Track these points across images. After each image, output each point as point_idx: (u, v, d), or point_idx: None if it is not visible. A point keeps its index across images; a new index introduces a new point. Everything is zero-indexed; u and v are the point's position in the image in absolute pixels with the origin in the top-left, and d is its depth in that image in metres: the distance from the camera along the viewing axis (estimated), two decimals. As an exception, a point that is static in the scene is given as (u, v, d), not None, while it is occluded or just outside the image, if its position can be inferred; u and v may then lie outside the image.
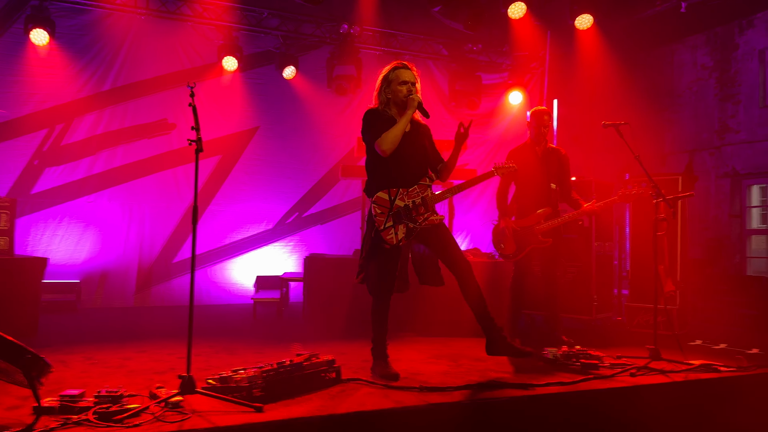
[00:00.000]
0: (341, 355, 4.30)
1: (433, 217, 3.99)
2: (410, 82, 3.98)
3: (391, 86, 4.00)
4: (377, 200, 3.94)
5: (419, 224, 3.94)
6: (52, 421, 2.81)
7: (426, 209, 3.96)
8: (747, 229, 9.08)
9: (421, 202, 3.96)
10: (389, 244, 3.89)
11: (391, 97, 4.01)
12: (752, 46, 8.92)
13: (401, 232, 3.91)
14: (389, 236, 3.89)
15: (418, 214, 3.94)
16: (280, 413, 3.05)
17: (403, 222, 3.91)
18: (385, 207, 3.92)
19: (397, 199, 3.93)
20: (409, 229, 3.92)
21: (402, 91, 3.96)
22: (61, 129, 7.68)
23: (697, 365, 4.22)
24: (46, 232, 7.59)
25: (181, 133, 8.20)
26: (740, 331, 6.25)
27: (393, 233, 3.90)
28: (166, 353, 4.67)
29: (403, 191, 3.94)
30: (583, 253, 6.05)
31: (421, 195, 3.97)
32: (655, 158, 9.44)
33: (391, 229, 3.90)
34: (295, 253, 8.83)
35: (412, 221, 3.92)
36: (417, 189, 3.97)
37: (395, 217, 3.91)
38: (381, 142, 3.85)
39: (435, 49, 9.34)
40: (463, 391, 3.59)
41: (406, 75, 3.99)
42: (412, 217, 3.93)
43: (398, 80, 3.98)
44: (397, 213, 3.92)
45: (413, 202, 3.95)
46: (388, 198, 3.93)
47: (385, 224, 3.90)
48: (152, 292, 8.04)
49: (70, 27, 7.67)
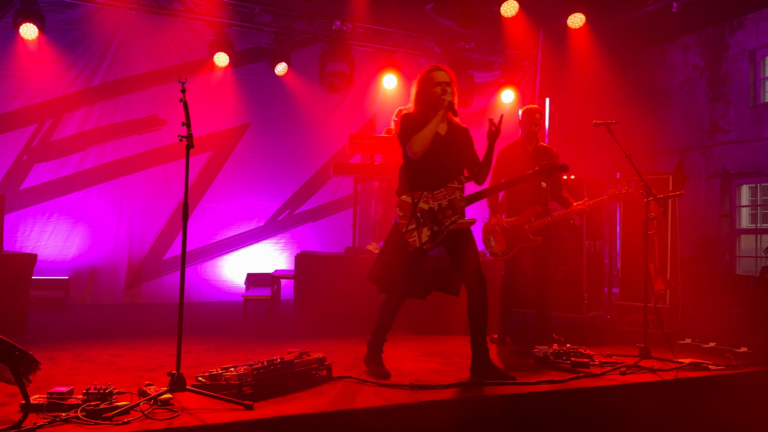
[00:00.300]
0: (332, 353, 4.30)
1: (461, 220, 3.88)
2: (444, 83, 3.92)
3: (427, 89, 3.95)
4: (400, 204, 3.88)
5: (445, 227, 3.84)
6: (40, 418, 2.79)
7: (453, 212, 3.85)
8: (736, 228, 9.14)
9: (448, 204, 3.85)
10: (412, 247, 3.80)
11: (427, 99, 3.95)
12: (743, 47, 8.97)
13: (425, 235, 3.81)
14: (412, 239, 3.80)
15: (445, 217, 3.84)
16: (271, 411, 3.04)
17: (428, 225, 3.82)
18: (408, 210, 3.84)
19: (421, 201, 3.83)
20: (434, 232, 3.82)
21: (435, 92, 3.90)
22: (50, 124, 7.62)
23: (687, 364, 4.25)
24: (34, 229, 7.54)
25: (172, 129, 8.15)
26: (729, 329, 6.30)
27: (416, 236, 3.80)
28: (155, 350, 4.64)
29: (428, 194, 3.84)
30: (574, 251, 6.07)
31: (448, 197, 3.86)
32: (646, 157, 9.48)
33: (414, 231, 3.80)
34: (286, 250, 8.81)
35: (437, 224, 3.83)
36: (444, 191, 3.86)
37: (418, 219, 3.82)
38: (411, 144, 3.82)
39: (428, 46, 9.34)
40: (454, 389, 3.59)
41: (440, 76, 3.94)
42: (437, 220, 3.83)
43: (432, 82, 3.94)
44: (422, 215, 3.82)
45: (439, 204, 3.85)
46: (411, 201, 3.84)
47: (407, 227, 3.81)
48: (142, 289, 8.00)
49: (60, 21, 7.61)
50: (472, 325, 3.89)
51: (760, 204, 9.22)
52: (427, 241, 3.81)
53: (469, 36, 9.07)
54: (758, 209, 9.25)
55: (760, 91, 8.93)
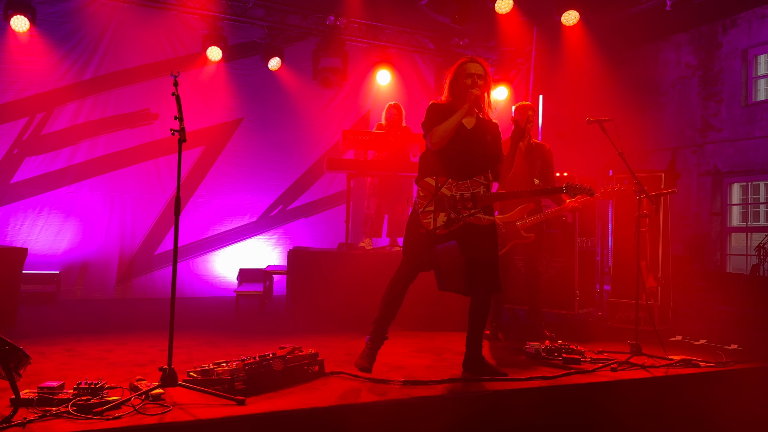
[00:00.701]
0: (325, 349, 4.29)
1: (480, 215, 3.77)
2: (475, 75, 3.83)
3: (459, 80, 3.87)
4: (423, 185, 3.79)
5: (463, 217, 3.73)
6: (30, 413, 2.77)
7: (474, 205, 3.75)
8: (727, 226, 9.19)
9: (470, 196, 3.76)
10: (425, 228, 3.72)
11: (457, 90, 3.87)
12: (735, 46, 9.02)
13: (440, 220, 3.71)
14: (427, 220, 3.72)
15: (464, 207, 3.74)
16: (263, 406, 3.04)
17: (446, 210, 3.73)
18: (430, 192, 3.75)
19: (444, 187, 3.74)
20: (450, 219, 3.71)
21: (466, 83, 3.83)
22: (41, 118, 7.57)
23: (678, 360, 4.27)
24: (25, 223, 7.49)
25: (164, 123, 8.11)
26: (720, 327, 6.34)
27: (432, 218, 3.71)
28: (147, 345, 4.62)
29: (452, 182, 3.76)
30: (566, 248, 6.09)
31: (471, 190, 3.77)
32: (638, 155, 9.52)
33: (431, 213, 3.72)
34: (278, 246, 8.79)
35: (455, 212, 3.72)
36: (469, 183, 3.77)
37: (438, 202, 3.73)
38: (432, 135, 3.75)
39: (422, 42, 9.33)
40: (446, 384, 3.60)
41: (473, 68, 3.85)
42: (456, 209, 3.73)
43: (465, 73, 3.85)
44: (440, 199, 3.73)
45: (461, 194, 3.75)
46: (434, 184, 3.76)
47: (425, 207, 3.73)
48: (133, 284, 7.97)
49: (52, 14, 7.56)
50: (471, 321, 3.87)
51: (751, 202, 9.28)
52: (442, 226, 3.71)
53: (464, 32, 9.07)
54: (749, 207, 9.30)
55: (752, 90, 8.98)
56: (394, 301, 3.85)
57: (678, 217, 8.97)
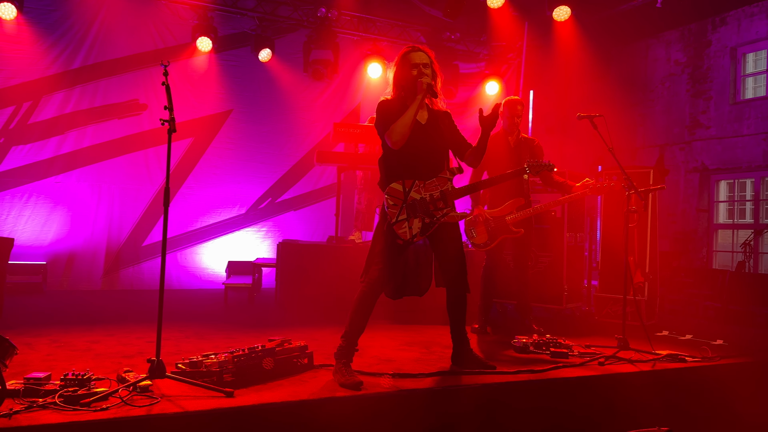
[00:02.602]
0: (314, 341, 4.29)
1: (452, 213, 3.69)
2: (421, 65, 3.69)
3: (405, 73, 3.72)
4: (390, 191, 3.61)
5: (437, 219, 3.64)
6: (16, 404, 2.75)
7: (445, 204, 3.66)
8: (714, 223, 9.27)
9: (440, 195, 3.66)
10: (402, 239, 3.57)
11: (404, 83, 3.72)
12: (724, 44, 9.07)
13: (416, 227, 3.59)
14: (402, 230, 3.57)
15: (436, 209, 3.65)
16: (251, 398, 3.03)
17: (419, 216, 3.61)
18: (399, 198, 3.59)
19: (413, 191, 3.61)
20: (425, 224, 3.61)
21: (412, 74, 3.68)
22: (28, 107, 7.48)
23: (664, 355, 4.31)
24: (12, 212, 7.41)
25: (153, 114, 8.05)
26: (705, 322, 6.41)
27: (407, 227, 3.58)
28: (134, 337, 4.60)
29: (419, 183, 3.63)
30: (555, 243, 6.11)
31: (440, 188, 3.67)
32: (627, 151, 9.57)
33: (405, 222, 3.58)
34: (267, 238, 8.77)
35: (428, 215, 3.62)
36: (435, 182, 3.67)
37: (410, 209, 3.60)
38: (390, 134, 3.58)
39: (413, 36, 9.31)
40: (435, 377, 3.61)
41: (417, 57, 3.71)
42: (429, 212, 3.62)
43: (409, 64, 3.71)
44: (413, 205, 3.60)
45: (431, 195, 3.64)
46: (402, 189, 3.61)
47: (398, 217, 3.57)
48: (120, 275, 7.92)
49: (39, 2, 7.47)
50: (451, 317, 3.85)
51: (738, 200, 9.37)
52: (418, 233, 3.61)
53: (455, 26, 9.06)
54: (735, 205, 9.39)
55: (740, 88, 9.04)
56: (367, 313, 3.62)
57: (666, 213, 9.04)
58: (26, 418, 2.61)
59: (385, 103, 3.74)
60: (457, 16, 7.91)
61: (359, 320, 3.61)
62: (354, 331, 3.61)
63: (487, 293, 5.31)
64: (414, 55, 3.74)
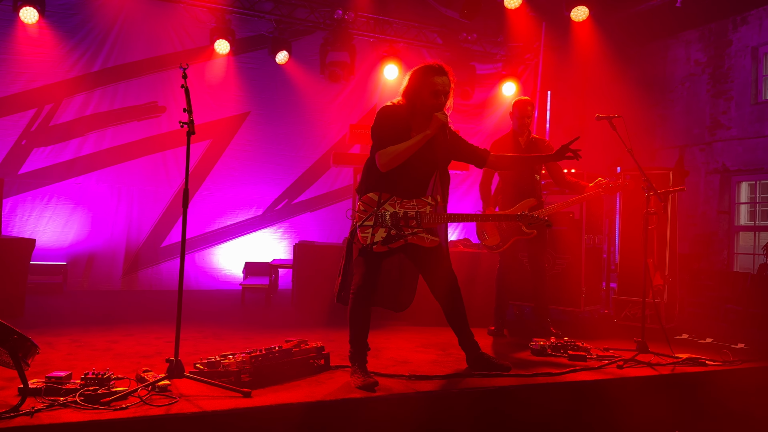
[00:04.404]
0: (330, 342, 4.30)
1: (423, 235, 3.58)
2: (443, 93, 3.55)
3: (422, 93, 3.54)
4: (365, 199, 3.56)
5: (403, 235, 3.53)
6: (38, 402, 2.79)
7: (418, 224, 3.56)
8: (735, 225, 9.14)
9: (414, 215, 3.57)
10: (361, 242, 3.51)
11: (419, 103, 3.56)
12: (745, 43, 8.95)
13: (378, 236, 3.50)
14: (364, 234, 3.49)
15: (407, 225, 3.55)
16: (269, 399, 3.04)
17: (385, 226, 3.52)
18: (371, 207, 3.53)
19: (388, 203, 3.54)
20: (389, 235, 3.51)
21: (431, 101, 3.53)
22: (49, 109, 7.59)
23: (684, 359, 4.26)
24: (33, 213, 7.52)
25: (171, 116, 8.13)
26: (726, 326, 6.32)
27: (369, 233, 3.49)
28: (153, 337, 4.64)
29: (396, 200, 3.56)
30: (573, 245, 6.07)
31: (417, 209, 3.58)
32: (646, 153, 9.48)
33: (369, 228, 3.50)
34: (284, 239, 8.80)
35: (396, 228, 3.53)
36: (414, 203, 3.59)
37: (378, 218, 3.52)
38: (381, 156, 3.49)
39: (430, 37, 9.30)
40: (452, 379, 3.60)
41: (441, 83, 3.53)
42: (398, 225, 3.53)
43: (430, 87, 3.53)
44: (382, 215, 3.52)
45: (405, 212, 3.56)
46: (377, 200, 3.54)
47: (363, 221, 3.51)
48: (139, 276, 8.00)
49: (61, 6, 7.57)
50: (453, 328, 3.86)
51: (759, 201, 9.23)
52: (380, 242, 3.50)
53: (472, 27, 9.03)
54: (757, 206, 9.25)
55: (762, 88, 8.91)
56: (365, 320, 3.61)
57: (685, 215, 8.93)
58: (48, 417, 2.65)
59: (387, 110, 3.60)
60: (473, 16, 7.89)
61: (359, 327, 3.61)
62: (358, 336, 3.60)
63: (502, 295, 5.29)
64: (438, 80, 3.55)
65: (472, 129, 9.62)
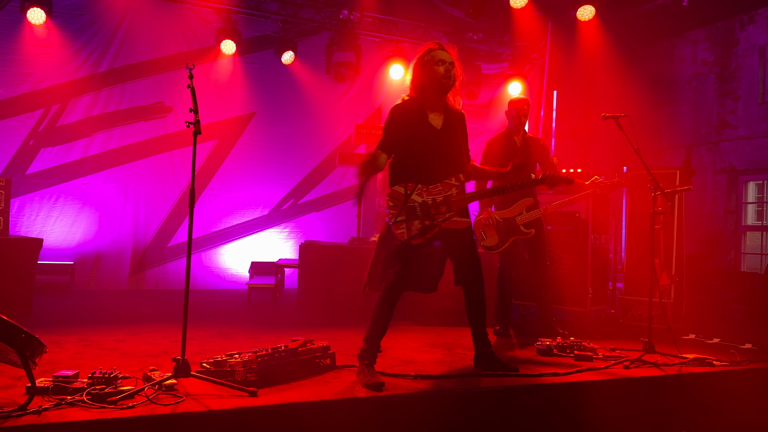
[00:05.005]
0: (336, 342, 4.30)
1: (456, 218, 3.64)
2: (448, 62, 3.63)
3: (427, 67, 3.64)
4: (392, 194, 3.60)
5: (437, 223, 3.59)
6: (45, 401, 2.80)
7: (448, 209, 3.61)
8: (742, 225, 9.10)
9: (443, 200, 3.61)
10: (399, 239, 3.56)
11: (427, 81, 3.64)
12: (753, 42, 8.90)
13: (414, 229, 3.55)
14: (399, 231, 3.55)
15: (438, 212, 3.60)
16: (275, 398, 3.05)
17: (419, 218, 3.57)
18: (399, 200, 3.57)
19: (414, 194, 3.58)
20: (424, 226, 3.56)
21: (439, 71, 3.61)
22: (57, 110, 7.62)
23: (691, 359, 4.24)
24: (40, 213, 7.55)
25: (178, 116, 8.15)
26: (734, 326, 6.29)
27: (404, 228, 3.55)
28: (159, 336, 4.65)
29: (422, 188, 3.60)
30: (579, 245, 6.05)
31: (444, 193, 3.63)
32: (653, 152, 9.44)
33: (403, 223, 3.55)
34: (290, 239, 8.81)
35: (429, 218, 3.57)
36: (440, 187, 3.63)
37: (409, 211, 3.57)
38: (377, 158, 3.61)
39: (435, 37, 9.27)
40: (458, 379, 3.60)
41: (443, 55, 3.64)
42: (430, 215, 3.58)
43: (434, 60, 3.63)
44: (412, 207, 3.57)
45: (434, 199, 3.61)
46: (403, 192, 3.59)
47: (396, 218, 3.55)
48: (146, 275, 8.03)
49: (68, 6, 7.60)
50: (471, 320, 3.84)
51: (767, 201, 9.18)
52: (417, 235, 3.56)
53: (478, 27, 9.02)
54: (765, 206, 9.20)
55: (770, 87, 8.86)
56: (387, 317, 3.65)
57: (692, 215, 8.89)
58: (55, 415, 2.66)
59: (396, 110, 3.68)
60: (479, 16, 7.88)
61: (380, 324, 3.64)
62: (375, 334, 3.63)
63: (504, 295, 5.28)
64: (439, 52, 3.65)
65: (478, 128, 9.60)
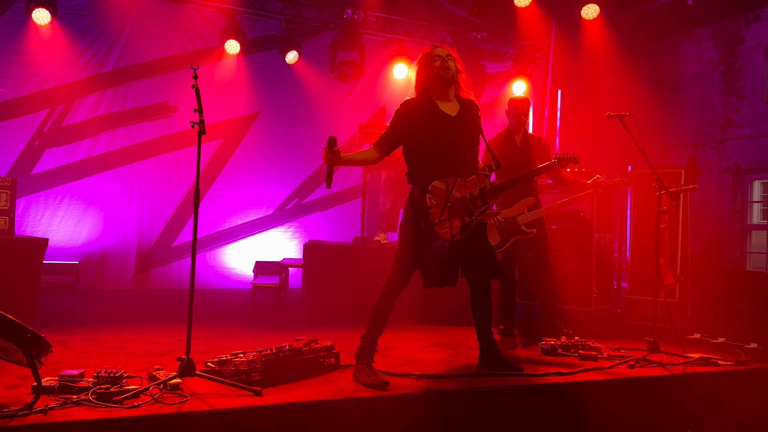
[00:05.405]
0: (340, 341, 4.30)
1: (489, 211, 3.68)
2: (443, 56, 3.74)
3: (426, 67, 3.75)
4: (433, 190, 3.55)
5: (476, 218, 3.61)
6: (51, 400, 2.81)
7: (483, 202, 3.64)
8: (748, 224, 9.06)
9: (479, 194, 3.63)
10: (443, 238, 3.56)
11: (428, 78, 3.73)
12: (758, 40, 8.86)
13: (456, 226, 3.56)
14: (444, 230, 3.53)
15: (475, 207, 3.62)
16: (279, 397, 3.06)
17: (459, 215, 3.58)
18: (442, 198, 3.55)
19: (455, 189, 3.58)
20: (464, 223, 3.58)
21: (436, 65, 3.70)
22: (62, 110, 7.65)
23: (696, 358, 4.23)
24: (45, 213, 7.58)
25: (182, 116, 8.17)
26: (739, 325, 6.27)
27: (448, 227, 3.54)
28: (164, 336, 4.67)
29: (461, 181, 3.61)
30: (583, 244, 6.04)
31: (479, 186, 3.64)
32: (657, 151, 9.41)
33: (447, 222, 3.54)
34: (294, 239, 8.82)
35: (468, 214, 3.59)
36: (475, 179, 3.65)
37: (451, 209, 3.56)
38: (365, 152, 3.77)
39: (439, 36, 9.28)
40: (462, 379, 3.59)
41: (437, 51, 3.78)
42: (468, 210, 3.60)
43: (430, 58, 3.75)
44: (454, 205, 3.57)
45: (471, 193, 3.62)
46: (445, 188, 3.56)
47: (440, 217, 3.53)
48: (151, 275, 8.05)
49: (72, 7, 7.62)
50: (477, 318, 3.83)
51: (773, 200, 9.14)
52: (458, 232, 3.58)
53: (482, 26, 9.00)
54: (770, 205, 9.16)
55: (775, 86, 8.82)
56: (386, 314, 3.66)
57: (697, 214, 8.86)
58: (61, 414, 2.67)
59: (402, 108, 3.74)
60: (483, 15, 7.86)
61: (379, 322, 3.65)
62: (374, 332, 3.64)
63: (507, 294, 5.26)
64: (433, 51, 3.79)
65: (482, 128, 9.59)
